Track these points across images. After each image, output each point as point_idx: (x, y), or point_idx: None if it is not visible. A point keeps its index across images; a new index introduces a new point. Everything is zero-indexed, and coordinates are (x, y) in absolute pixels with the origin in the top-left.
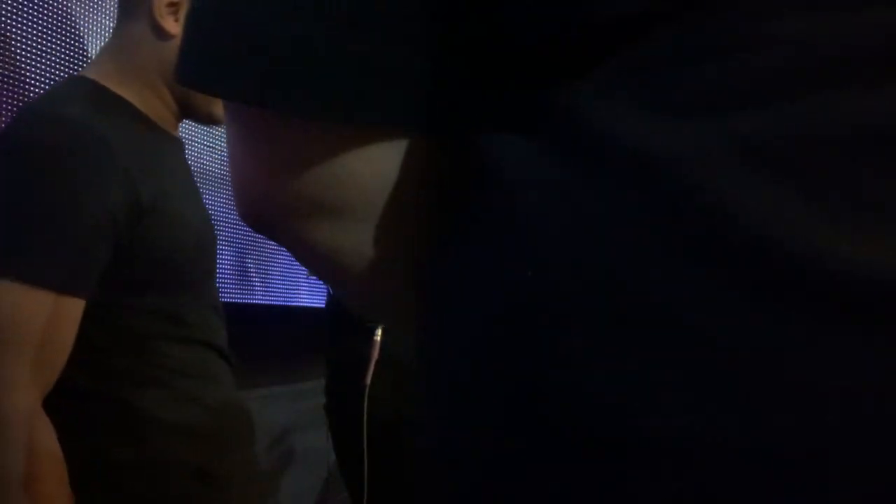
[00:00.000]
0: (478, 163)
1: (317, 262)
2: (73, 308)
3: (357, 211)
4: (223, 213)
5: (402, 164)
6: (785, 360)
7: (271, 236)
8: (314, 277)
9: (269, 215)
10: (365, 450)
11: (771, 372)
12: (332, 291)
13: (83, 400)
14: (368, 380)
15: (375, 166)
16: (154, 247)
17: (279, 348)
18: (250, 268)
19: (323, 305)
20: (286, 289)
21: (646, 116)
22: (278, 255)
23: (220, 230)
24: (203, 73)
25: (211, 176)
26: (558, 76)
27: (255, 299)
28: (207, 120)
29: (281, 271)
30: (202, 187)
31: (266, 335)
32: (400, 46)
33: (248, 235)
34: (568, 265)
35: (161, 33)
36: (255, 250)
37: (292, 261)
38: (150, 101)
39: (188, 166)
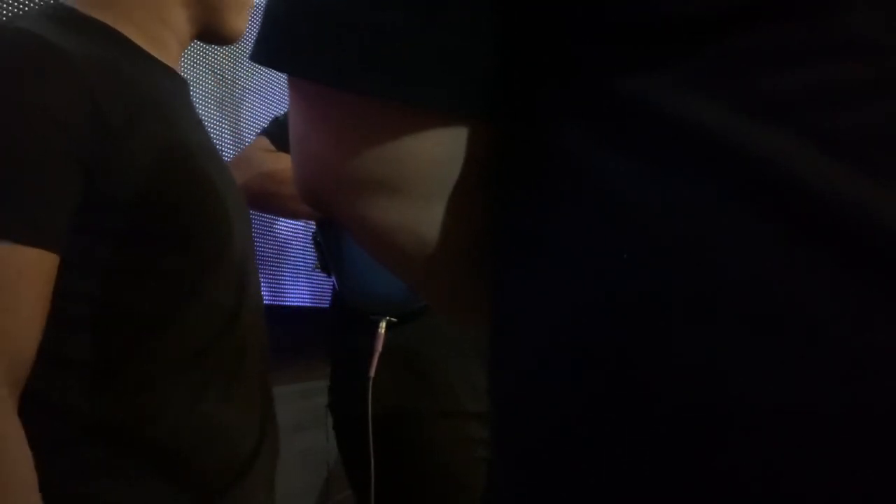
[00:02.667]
0: (556, 152)
1: (371, 239)
2: (39, 264)
3: (413, 189)
4: None
5: (460, 148)
6: (875, 329)
7: (329, 213)
8: (315, 277)
9: (329, 191)
10: (371, 442)
11: (861, 340)
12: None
13: (42, 413)
14: (372, 372)
15: (435, 148)
16: (141, 181)
17: (280, 348)
18: None
19: (324, 306)
20: (287, 289)
21: (738, 113)
22: (279, 254)
23: None
24: (281, 53)
25: None
26: (644, 69)
27: None
28: (231, 36)
29: (282, 271)
30: None
31: (266, 335)
32: (474, 35)
33: None
34: (662, 248)
35: None
36: (256, 250)
37: (293, 261)
38: (149, 28)
39: (192, 104)
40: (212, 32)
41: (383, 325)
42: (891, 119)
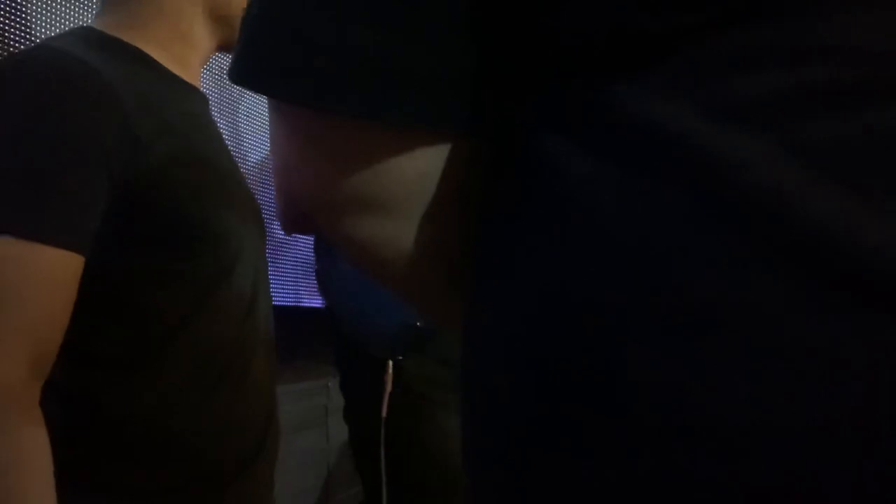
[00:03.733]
0: (529, 161)
1: (356, 255)
2: (67, 265)
3: (396, 207)
4: None
5: (441, 164)
6: (844, 349)
7: (313, 232)
8: (314, 277)
9: (311, 211)
10: (384, 480)
11: (830, 361)
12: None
13: (64, 404)
14: (384, 412)
15: (416, 164)
16: (164, 191)
17: (280, 349)
18: None
19: (323, 305)
20: (287, 289)
21: (708, 120)
22: (278, 254)
23: None
24: (257, 75)
25: None
26: (615, 76)
27: None
28: None
29: (281, 271)
30: None
31: (274, 338)
32: (451, 52)
33: None
34: (629, 260)
35: None
36: None
37: (292, 260)
38: (171, 48)
39: (213, 120)
40: (232, 47)
41: (390, 364)
42: (868, 129)
